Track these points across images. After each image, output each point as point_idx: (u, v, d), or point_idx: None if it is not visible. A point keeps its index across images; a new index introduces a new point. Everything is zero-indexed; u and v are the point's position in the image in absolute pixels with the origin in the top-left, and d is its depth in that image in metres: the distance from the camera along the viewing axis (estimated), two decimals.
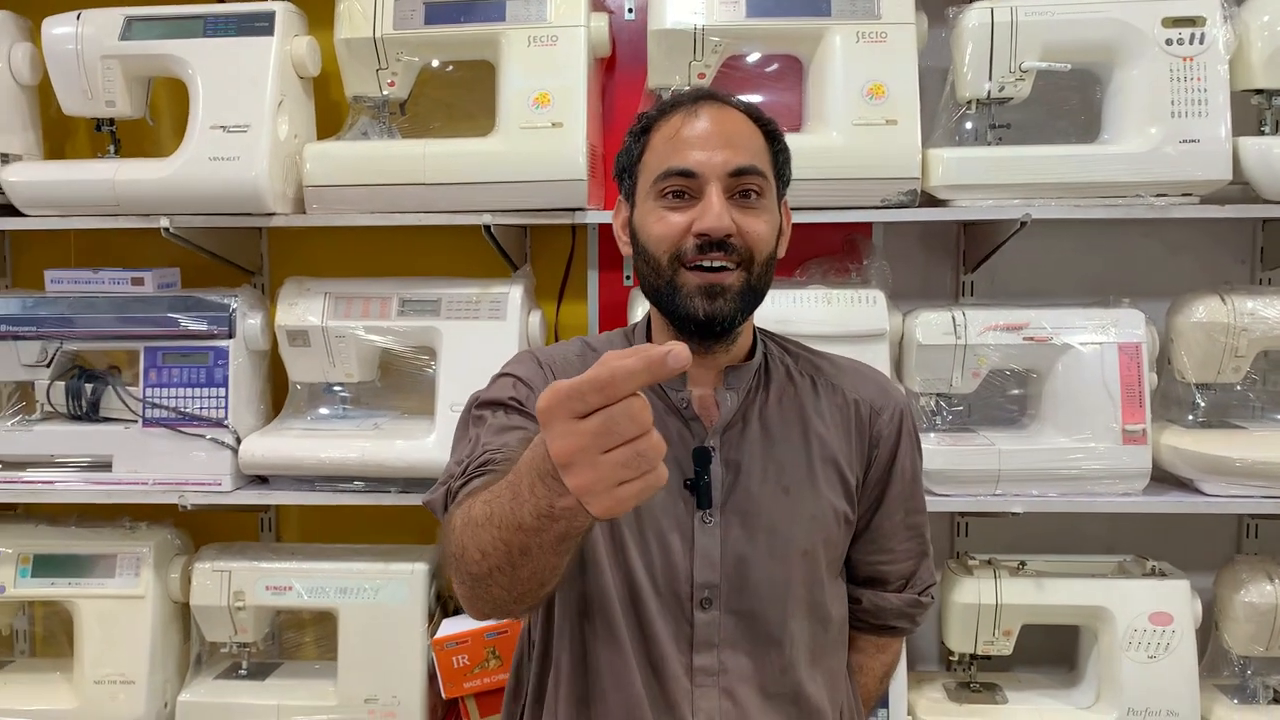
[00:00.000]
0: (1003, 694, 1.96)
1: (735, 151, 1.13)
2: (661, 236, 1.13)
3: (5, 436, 1.97)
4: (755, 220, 1.13)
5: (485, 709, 1.87)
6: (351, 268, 2.08)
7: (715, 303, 1.12)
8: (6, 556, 1.99)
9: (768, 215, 1.15)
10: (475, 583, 0.95)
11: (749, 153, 1.14)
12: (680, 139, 1.14)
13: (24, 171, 1.96)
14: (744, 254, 1.13)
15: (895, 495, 1.25)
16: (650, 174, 1.16)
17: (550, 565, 0.90)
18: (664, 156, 1.14)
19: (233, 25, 1.91)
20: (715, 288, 1.12)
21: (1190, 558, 1.97)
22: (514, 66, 1.87)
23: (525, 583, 0.92)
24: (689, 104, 1.17)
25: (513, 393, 1.17)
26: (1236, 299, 1.85)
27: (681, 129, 1.14)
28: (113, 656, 1.96)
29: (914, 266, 2.13)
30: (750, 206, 1.14)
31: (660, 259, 1.14)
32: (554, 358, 1.24)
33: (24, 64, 1.99)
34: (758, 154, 1.15)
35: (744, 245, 1.12)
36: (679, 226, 1.12)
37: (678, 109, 1.17)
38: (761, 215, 1.14)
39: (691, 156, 1.12)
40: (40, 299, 1.98)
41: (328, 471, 1.90)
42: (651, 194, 1.15)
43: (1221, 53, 1.78)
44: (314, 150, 1.91)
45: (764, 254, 1.14)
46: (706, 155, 1.12)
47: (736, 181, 1.13)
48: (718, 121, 1.14)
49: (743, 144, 1.14)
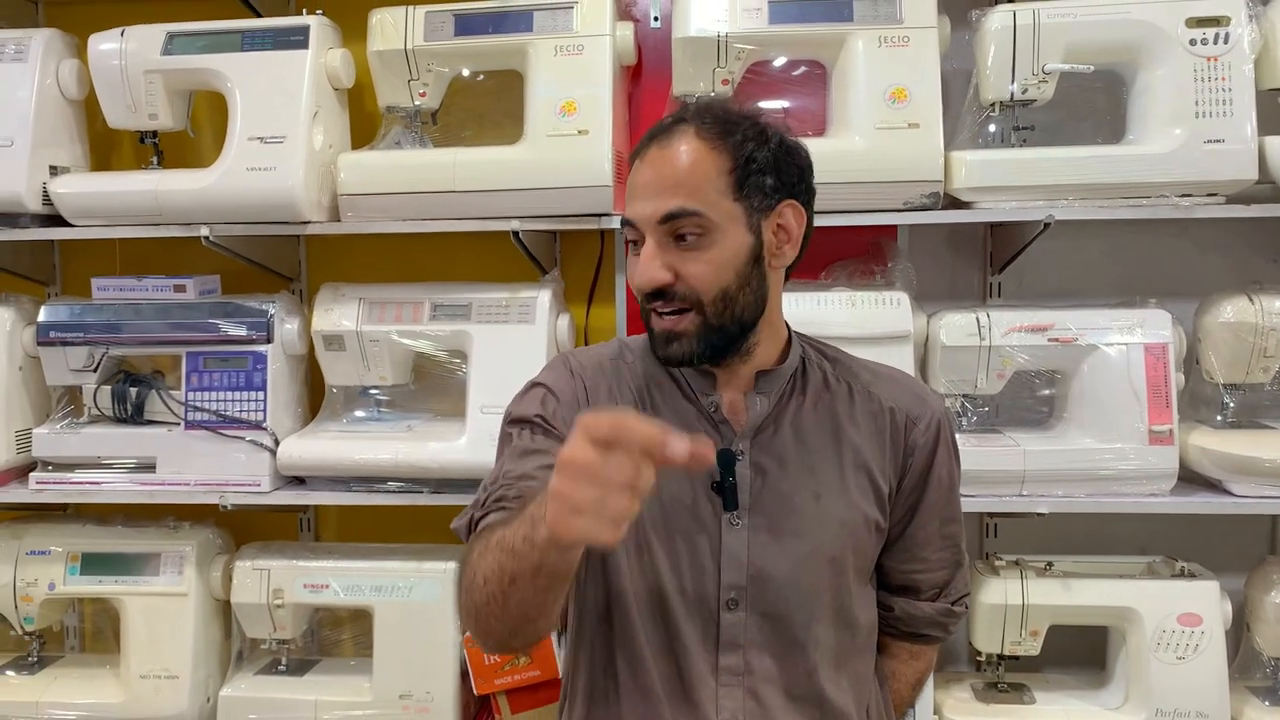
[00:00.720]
0: (1030, 694, 1.96)
1: (664, 198, 1.11)
2: (631, 284, 1.17)
3: (54, 439, 2.04)
4: (693, 263, 1.12)
5: (516, 705, 1.90)
6: (385, 273, 2.12)
7: (671, 347, 1.15)
8: (56, 555, 2.06)
9: (712, 253, 1.12)
10: (476, 614, 1.04)
11: (682, 193, 1.11)
12: (631, 186, 1.16)
13: (72, 183, 2.02)
14: (689, 297, 1.13)
15: (930, 504, 1.25)
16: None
17: (534, 601, 0.97)
18: (625, 203, 1.18)
19: (269, 39, 1.96)
20: (669, 334, 1.15)
21: (1221, 559, 1.96)
22: (541, 75, 1.91)
23: (514, 616, 0.99)
24: (646, 140, 1.16)
25: (540, 409, 1.20)
26: (1265, 299, 1.84)
27: (634, 174, 1.16)
28: (158, 652, 2.02)
29: (942, 268, 2.14)
30: (688, 249, 1.12)
31: (640, 304, 1.18)
32: (585, 365, 1.26)
33: (71, 80, 2.06)
34: (696, 190, 1.11)
35: (688, 289, 1.12)
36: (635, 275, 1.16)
37: (645, 144, 1.17)
38: (704, 255, 1.12)
39: (633, 206, 1.15)
40: (87, 306, 2.04)
41: (363, 472, 1.95)
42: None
43: (1246, 52, 1.77)
44: (348, 160, 1.96)
45: (714, 292, 1.12)
46: (641, 204, 1.13)
47: (670, 227, 1.12)
48: (656, 164, 1.13)
49: (676, 185, 1.11)
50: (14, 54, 2.03)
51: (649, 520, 1.16)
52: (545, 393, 1.22)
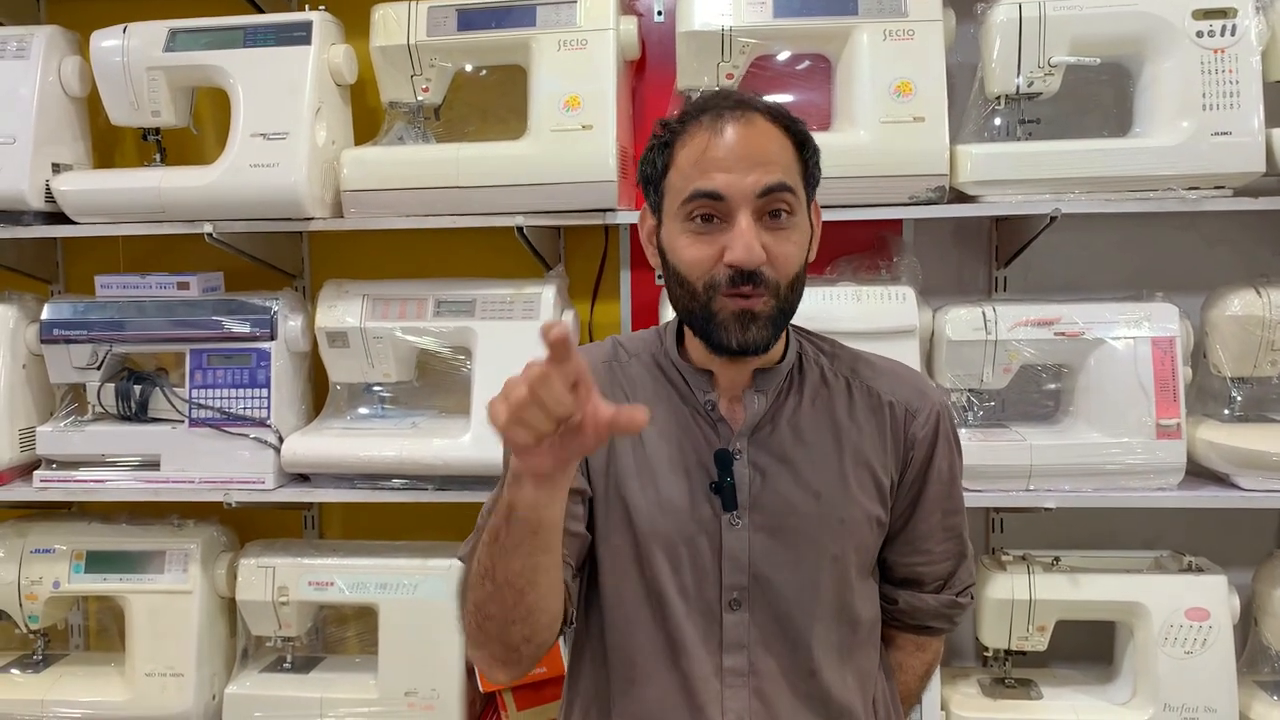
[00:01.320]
0: (1038, 690, 1.95)
1: (764, 171, 1.08)
2: (693, 263, 1.10)
3: (58, 437, 2.04)
4: (785, 243, 1.10)
5: (522, 702, 1.91)
6: (388, 270, 2.12)
7: (748, 332, 1.10)
8: (61, 553, 2.06)
9: (798, 234, 1.11)
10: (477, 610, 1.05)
11: (778, 168, 1.09)
12: (707, 159, 1.09)
13: (75, 180, 2.02)
14: (770, 280, 1.09)
15: (932, 497, 1.24)
16: (676, 194, 1.11)
17: (518, 567, 1.00)
18: (690, 177, 1.10)
19: (271, 35, 1.96)
20: (747, 314, 1.09)
21: (1229, 553, 1.95)
22: (545, 70, 1.90)
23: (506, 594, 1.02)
24: (713, 116, 1.11)
25: None
26: (1272, 292, 1.83)
27: (707, 148, 1.09)
28: (162, 650, 2.02)
29: (948, 262, 2.13)
30: (780, 227, 1.10)
31: (694, 284, 1.10)
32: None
33: (74, 77, 2.06)
34: (787, 167, 1.10)
35: (774, 273, 1.09)
36: (710, 255, 1.09)
37: (701, 120, 1.11)
38: (792, 236, 1.10)
39: (718, 178, 1.08)
40: (91, 303, 2.04)
41: (367, 470, 1.94)
42: (680, 215, 1.11)
43: (1254, 44, 1.77)
44: (351, 156, 1.95)
45: (792, 275, 1.11)
46: (735, 177, 1.07)
47: (765, 202, 1.08)
48: (744, 137, 1.09)
49: (771, 159, 1.09)
50: (16, 51, 2.03)
51: (648, 522, 1.16)
52: None
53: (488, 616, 1.05)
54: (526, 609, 1.04)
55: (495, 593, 1.03)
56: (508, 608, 1.04)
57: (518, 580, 1.02)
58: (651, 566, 1.15)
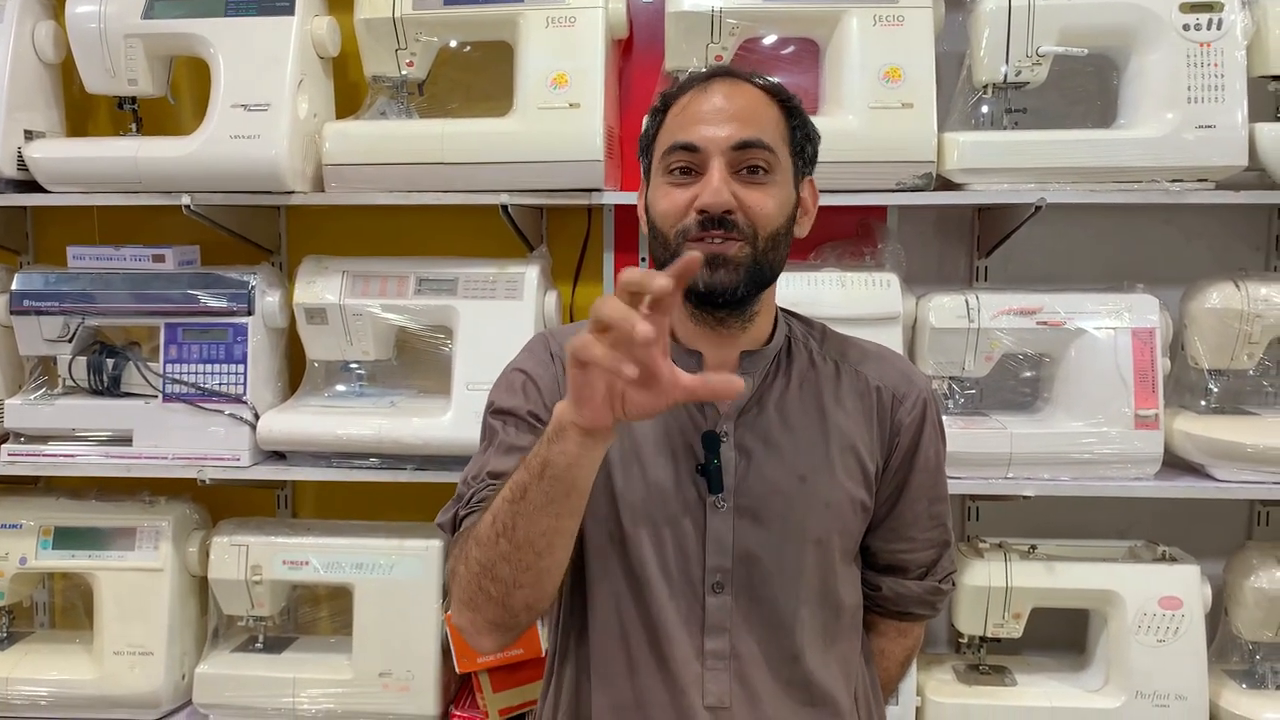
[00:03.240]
0: (1012, 676, 1.97)
1: (740, 125, 1.11)
2: (666, 212, 1.13)
3: (27, 410, 2.00)
4: (760, 195, 1.11)
5: (498, 684, 1.89)
6: (369, 247, 2.09)
7: (716, 274, 1.10)
8: (28, 529, 2.02)
9: (776, 190, 1.13)
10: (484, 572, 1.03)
11: (756, 126, 1.12)
12: (688, 114, 1.13)
13: (47, 148, 1.98)
14: (747, 231, 1.10)
15: (917, 484, 1.24)
16: (660, 149, 1.16)
17: (540, 526, 0.98)
18: (672, 131, 1.14)
19: (254, 5, 1.92)
20: (716, 258, 1.09)
21: (1201, 543, 1.97)
22: (532, 47, 1.88)
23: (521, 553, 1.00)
24: (704, 81, 1.16)
25: (522, 400, 1.18)
26: (1251, 285, 1.85)
27: (690, 105, 1.14)
28: (132, 629, 1.99)
29: (929, 251, 2.13)
30: (757, 182, 1.11)
31: (667, 234, 1.13)
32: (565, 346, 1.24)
33: (47, 42, 2.01)
34: (767, 128, 1.13)
35: (747, 222, 1.10)
36: (682, 202, 1.12)
37: (694, 87, 1.16)
38: (769, 190, 1.12)
39: (696, 131, 1.11)
40: (62, 275, 2.00)
41: (344, 448, 1.92)
42: (660, 169, 1.15)
43: (1239, 38, 1.78)
44: (334, 129, 1.92)
45: (769, 230, 1.12)
46: (711, 130, 1.11)
47: (741, 156, 1.11)
48: (727, 96, 1.13)
49: (750, 118, 1.12)
50: None
51: (633, 503, 1.15)
52: (525, 379, 1.20)
53: (495, 578, 1.03)
54: (539, 573, 1.02)
55: (512, 552, 1.00)
56: (521, 569, 1.01)
57: (539, 541, 1.00)
58: (635, 548, 1.15)
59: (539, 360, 1.22)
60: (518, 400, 1.18)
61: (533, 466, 0.98)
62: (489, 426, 1.20)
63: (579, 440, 0.94)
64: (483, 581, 1.03)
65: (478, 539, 1.04)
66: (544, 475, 0.96)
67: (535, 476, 0.97)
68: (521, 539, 0.99)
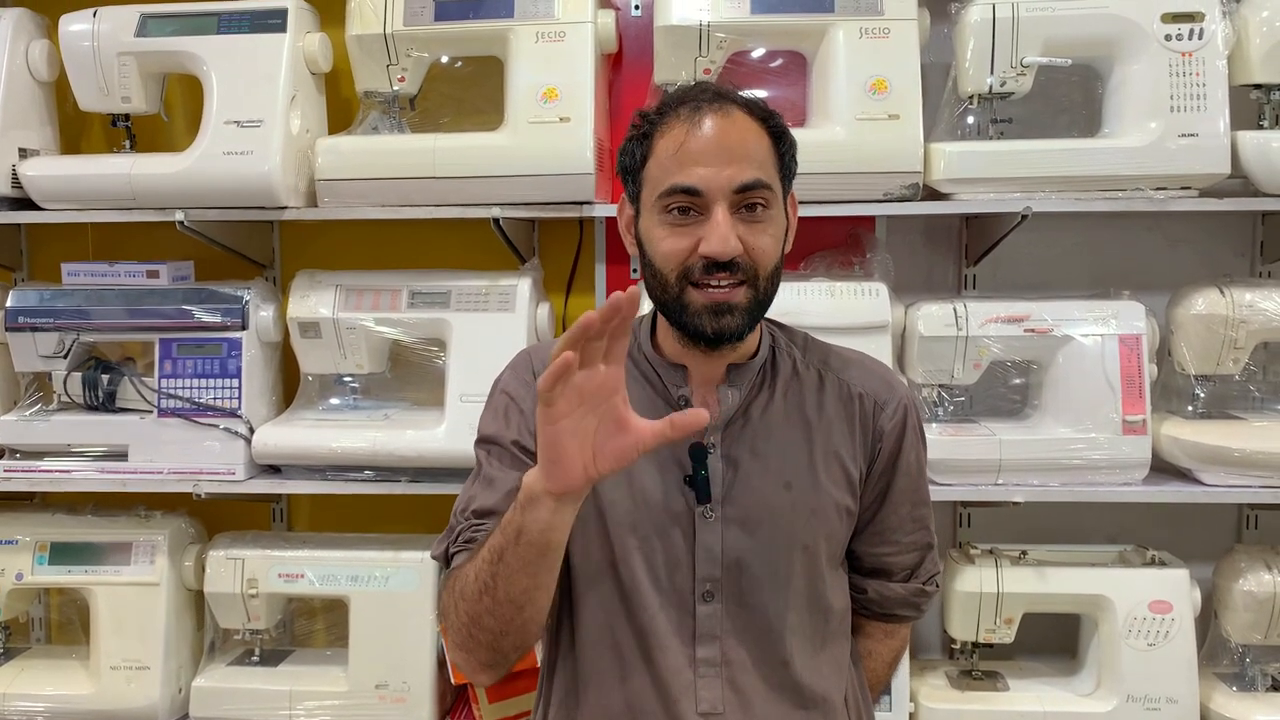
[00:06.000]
0: (1004, 681, 1.98)
1: (741, 166, 1.10)
2: (668, 254, 1.12)
3: (23, 426, 2.01)
4: (761, 236, 1.11)
5: (494, 695, 1.90)
6: (362, 261, 2.10)
7: (722, 320, 1.11)
8: (24, 544, 2.02)
9: (774, 227, 1.13)
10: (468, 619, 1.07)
11: (755, 164, 1.11)
12: (685, 152, 1.10)
13: (41, 166, 1.99)
14: (749, 271, 1.11)
15: (900, 489, 1.26)
16: (654, 186, 1.13)
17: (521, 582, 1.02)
18: (668, 170, 1.11)
19: (246, 22, 1.94)
20: (722, 306, 1.11)
21: (1190, 547, 1.99)
22: (522, 62, 1.90)
23: (503, 604, 1.04)
24: (691, 109, 1.13)
25: (503, 426, 1.20)
26: (1235, 291, 1.87)
27: (685, 141, 1.11)
28: (128, 643, 1.99)
29: (917, 260, 2.15)
30: (756, 220, 1.12)
31: (668, 276, 1.12)
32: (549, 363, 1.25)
33: (41, 61, 2.03)
34: (764, 162, 1.12)
35: (749, 263, 1.11)
36: (685, 247, 1.11)
37: (680, 112, 1.13)
38: (768, 229, 1.12)
39: (696, 173, 1.09)
40: (57, 291, 2.01)
41: (339, 461, 1.93)
42: (657, 207, 1.13)
43: (1220, 48, 1.80)
44: (326, 144, 1.94)
45: (770, 268, 1.13)
46: (712, 172, 1.09)
47: (742, 197, 1.10)
48: (722, 131, 1.11)
49: (748, 154, 1.11)
50: None
51: (622, 516, 1.16)
52: (509, 403, 1.22)
53: (482, 629, 1.07)
54: (523, 623, 1.06)
55: (494, 608, 1.05)
56: (504, 621, 1.06)
57: (520, 598, 1.04)
58: (625, 559, 1.16)
59: (521, 383, 1.23)
60: (499, 427, 1.21)
61: (508, 532, 1.01)
62: (476, 455, 1.23)
63: (552, 507, 0.98)
64: (472, 630, 1.08)
65: (464, 594, 1.08)
66: (519, 541, 1.00)
67: (511, 541, 1.01)
68: (502, 597, 1.04)
